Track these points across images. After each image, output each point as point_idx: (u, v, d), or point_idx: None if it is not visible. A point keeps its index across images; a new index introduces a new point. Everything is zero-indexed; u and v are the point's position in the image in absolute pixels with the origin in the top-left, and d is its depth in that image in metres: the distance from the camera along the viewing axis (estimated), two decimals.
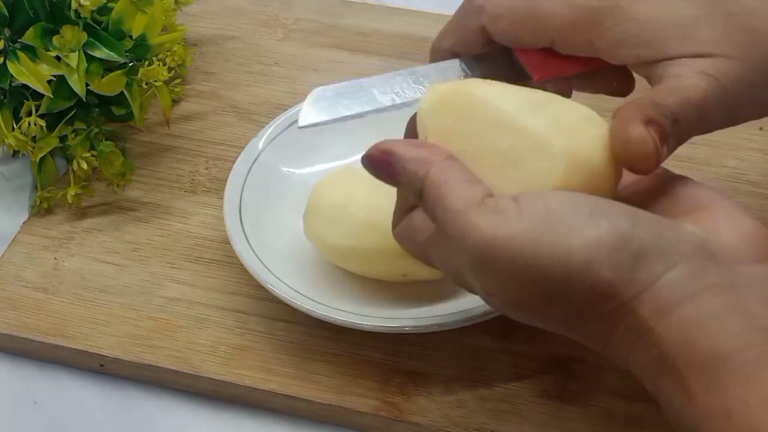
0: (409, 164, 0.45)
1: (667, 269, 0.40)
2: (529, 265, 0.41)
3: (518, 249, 0.41)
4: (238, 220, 0.61)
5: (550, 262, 0.40)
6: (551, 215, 0.41)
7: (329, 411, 0.56)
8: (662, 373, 0.40)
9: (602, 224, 0.40)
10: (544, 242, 0.40)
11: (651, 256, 0.40)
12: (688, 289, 0.40)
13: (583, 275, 0.40)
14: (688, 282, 0.40)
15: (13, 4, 0.66)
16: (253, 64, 0.78)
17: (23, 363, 0.61)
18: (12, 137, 0.65)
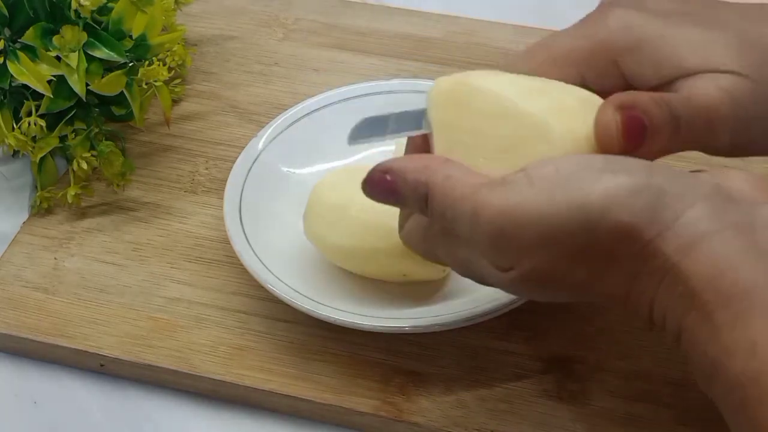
0: (409, 175, 0.46)
1: (687, 207, 0.41)
2: (549, 223, 0.41)
3: (535, 211, 0.41)
4: (238, 220, 0.61)
5: (570, 215, 0.41)
6: (563, 175, 0.42)
7: (329, 411, 0.56)
8: (688, 309, 0.40)
9: (618, 174, 0.41)
10: (561, 198, 0.41)
11: (670, 197, 0.41)
12: (710, 226, 0.40)
13: (605, 222, 0.41)
14: (710, 219, 0.40)
15: (13, 4, 0.66)
16: (253, 64, 0.78)
17: (23, 363, 0.61)
18: (12, 137, 0.65)
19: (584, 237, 0.41)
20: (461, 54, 0.77)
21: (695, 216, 0.40)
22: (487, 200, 0.43)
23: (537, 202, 0.41)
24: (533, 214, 0.41)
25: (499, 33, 0.79)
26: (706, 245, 0.40)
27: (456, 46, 0.78)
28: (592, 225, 0.41)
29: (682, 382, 0.56)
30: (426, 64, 0.77)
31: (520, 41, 0.78)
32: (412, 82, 0.69)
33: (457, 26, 0.80)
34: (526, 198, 0.42)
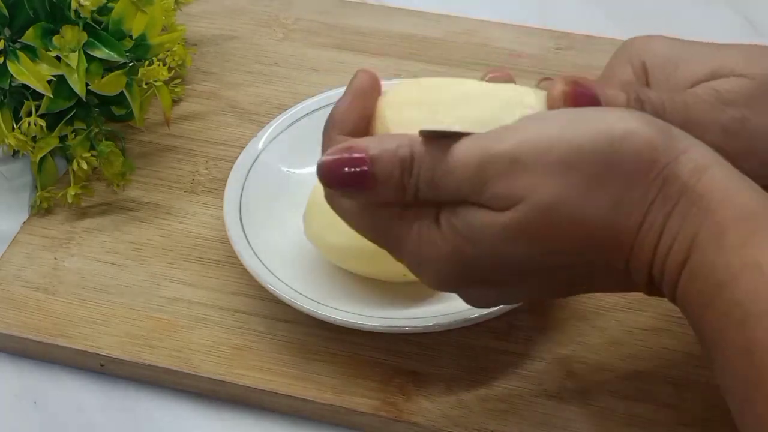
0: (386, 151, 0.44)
1: (693, 144, 0.42)
2: (569, 145, 0.42)
3: (556, 135, 0.42)
4: (238, 220, 0.61)
5: (593, 137, 0.41)
6: (578, 112, 0.43)
7: (329, 411, 0.56)
8: (700, 228, 0.41)
9: (631, 112, 0.43)
10: (581, 125, 0.42)
11: (677, 133, 0.43)
12: (715, 158, 0.42)
13: (627, 143, 0.41)
14: (713, 154, 0.42)
15: (13, 4, 0.66)
16: (253, 64, 0.78)
17: (23, 363, 0.61)
18: (12, 137, 0.65)
19: (606, 160, 0.41)
20: (461, 54, 0.77)
21: (702, 150, 0.42)
22: (497, 142, 0.42)
23: (557, 129, 0.42)
24: (554, 138, 0.42)
25: (499, 33, 0.79)
26: (719, 168, 0.41)
27: (456, 46, 0.78)
28: (615, 147, 0.41)
29: (682, 382, 0.56)
30: (426, 64, 0.77)
31: (520, 41, 0.78)
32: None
33: (457, 26, 0.80)
34: (543, 127, 0.42)
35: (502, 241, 0.43)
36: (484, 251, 0.43)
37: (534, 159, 0.42)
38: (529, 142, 0.42)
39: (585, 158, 0.41)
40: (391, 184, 0.44)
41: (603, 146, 0.41)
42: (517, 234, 0.43)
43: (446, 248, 0.44)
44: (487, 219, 0.43)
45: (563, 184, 0.42)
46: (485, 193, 0.42)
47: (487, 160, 0.42)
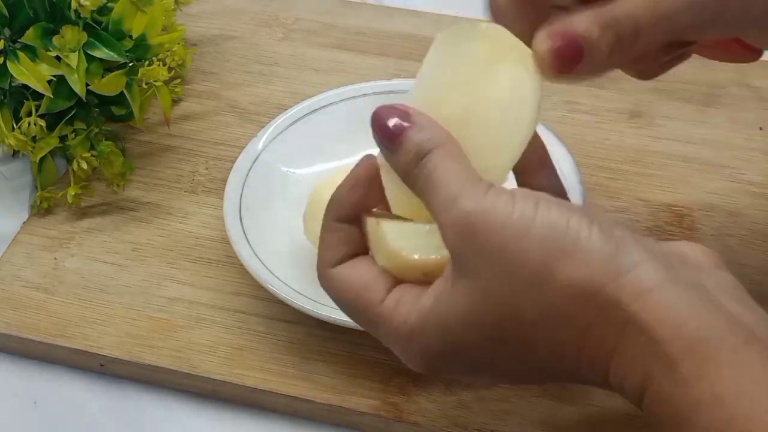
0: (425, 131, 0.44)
1: (644, 260, 0.40)
2: (516, 238, 0.40)
3: (510, 223, 0.41)
4: (238, 220, 0.61)
5: (537, 240, 0.40)
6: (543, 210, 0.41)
7: (329, 411, 0.56)
8: (652, 360, 0.39)
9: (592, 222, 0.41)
10: (534, 225, 0.40)
11: (629, 249, 0.40)
12: (667, 276, 0.40)
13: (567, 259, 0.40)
14: (666, 271, 0.40)
15: (13, 4, 0.66)
16: (253, 64, 0.78)
17: (23, 363, 0.61)
18: (12, 137, 0.65)
19: (543, 270, 0.40)
20: None
21: (652, 267, 0.40)
22: (470, 193, 0.42)
23: (512, 216, 0.41)
24: (503, 224, 0.41)
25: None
26: (665, 294, 0.39)
27: None
28: (552, 260, 0.40)
29: None
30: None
31: None
32: (412, 82, 0.69)
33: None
34: (503, 206, 0.41)
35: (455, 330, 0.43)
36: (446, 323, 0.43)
37: (482, 237, 0.41)
38: (485, 215, 0.41)
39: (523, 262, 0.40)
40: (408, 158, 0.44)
41: (543, 258, 0.40)
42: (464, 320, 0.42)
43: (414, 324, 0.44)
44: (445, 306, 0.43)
45: (500, 276, 0.41)
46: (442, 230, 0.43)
47: (450, 205, 0.42)
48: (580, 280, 0.40)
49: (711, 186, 0.67)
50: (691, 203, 0.66)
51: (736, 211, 0.65)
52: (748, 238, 0.63)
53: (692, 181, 0.67)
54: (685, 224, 0.64)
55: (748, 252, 0.63)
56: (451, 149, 0.44)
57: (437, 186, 0.43)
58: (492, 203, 0.41)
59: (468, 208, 0.41)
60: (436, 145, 0.44)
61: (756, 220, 0.64)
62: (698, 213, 0.65)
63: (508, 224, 0.41)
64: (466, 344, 0.43)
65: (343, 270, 0.46)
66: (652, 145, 0.69)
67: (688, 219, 0.65)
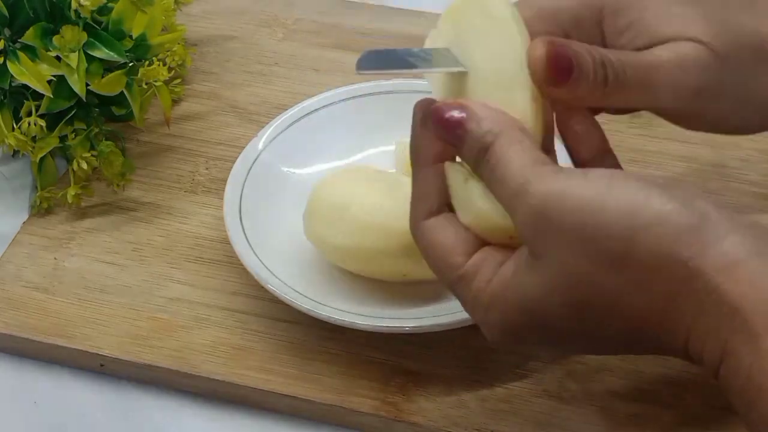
0: (485, 121, 0.44)
1: (730, 232, 0.40)
2: (592, 217, 0.41)
3: (583, 201, 0.41)
4: (238, 220, 0.61)
5: (617, 215, 0.40)
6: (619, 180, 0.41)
7: (329, 411, 0.56)
8: (733, 332, 0.39)
9: (671, 191, 0.41)
10: (611, 198, 0.41)
11: (713, 221, 0.40)
12: (753, 249, 0.40)
13: (649, 232, 0.40)
14: (752, 244, 0.40)
15: (13, 4, 0.66)
16: (253, 64, 0.78)
17: (23, 363, 0.61)
18: (12, 137, 0.65)
19: (624, 244, 0.40)
20: None
21: (738, 239, 0.40)
22: (542, 175, 0.42)
23: (587, 193, 0.41)
24: (579, 203, 0.41)
25: None
26: (751, 267, 0.39)
27: None
28: (634, 234, 0.40)
29: (682, 382, 0.55)
30: None
31: None
32: (412, 82, 0.69)
33: None
34: (577, 186, 0.41)
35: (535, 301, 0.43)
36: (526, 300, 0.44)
37: (557, 218, 0.41)
38: (560, 198, 0.41)
39: (602, 238, 0.40)
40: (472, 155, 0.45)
41: (623, 231, 0.40)
42: (546, 291, 0.43)
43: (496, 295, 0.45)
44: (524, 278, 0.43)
45: (579, 253, 0.41)
46: (515, 219, 0.43)
47: (524, 193, 0.42)
48: (662, 253, 0.40)
49: (711, 186, 0.67)
50: None
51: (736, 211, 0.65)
52: None
53: (692, 181, 0.67)
54: None
55: None
56: (512, 135, 0.44)
57: (503, 179, 0.43)
58: (564, 184, 0.41)
59: (540, 192, 0.41)
60: (496, 136, 0.44)
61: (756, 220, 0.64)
62: None
63: (584, 203, 0.41)
64: (547, 315, 0.43)
65: (432, 227, 0.46)
66: (651, 145, 0.69)
67: None
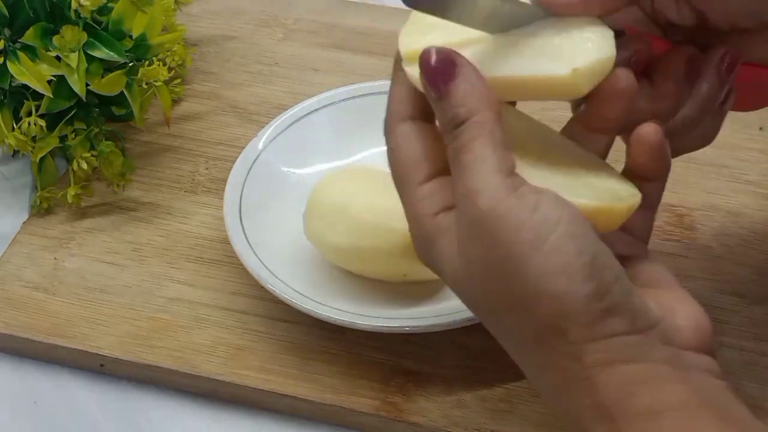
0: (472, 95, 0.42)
1: (626, 332, 0.40)
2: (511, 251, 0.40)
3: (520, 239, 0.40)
4: (238, 220, 0.61)
5: (540, 270, 0.40)
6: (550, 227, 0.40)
7: (329, 411, 0.56)
8: (596, 419, 0.40)
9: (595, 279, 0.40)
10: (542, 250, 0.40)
11: (618, 314, 0.40)
12: (637, 355, 0.40)
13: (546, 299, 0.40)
14: (640, 349, 0.40)
15: (13, 4, 0.66)
16: (253, 64, 0.78)
17: (23, 363, 0.61)
18: (12, 137, 0.65)
19: (531, 295, 0.40)
20: None
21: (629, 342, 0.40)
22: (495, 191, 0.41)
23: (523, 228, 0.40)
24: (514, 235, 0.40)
25: None
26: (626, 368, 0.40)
27: None
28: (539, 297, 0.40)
29: None
30: None
31: None
32: None
33: None
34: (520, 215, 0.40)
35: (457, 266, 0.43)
36: None
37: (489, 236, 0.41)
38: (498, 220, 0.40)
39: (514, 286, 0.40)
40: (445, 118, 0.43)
41: (532, 291, 0.40)
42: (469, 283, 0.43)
43: None
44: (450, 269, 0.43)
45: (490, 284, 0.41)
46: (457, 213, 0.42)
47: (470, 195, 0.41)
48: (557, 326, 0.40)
49: (711, 186, 0.67)
50: (691, 203, 0.66)
51: (736, 211, 0.65)
52: (748, 238, 0.63)
53: (692, 181, 0.67)
54: (685, 224, 0.64)
55: (747, 252, 0.63)
56: (488, 121, 0.42)
57: (465, 169, 0.41)
58: (509, 207, 0.40)
59: (486, 205, 0.40)
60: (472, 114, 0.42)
61: (756, 220, 0.64)
62: (698, 213, 0.65)
63: (515, 241, 0.40)
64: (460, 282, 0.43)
65: (404, 133, 0.45)
66: None
67: (688, 219, 0.65)
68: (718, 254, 0.63)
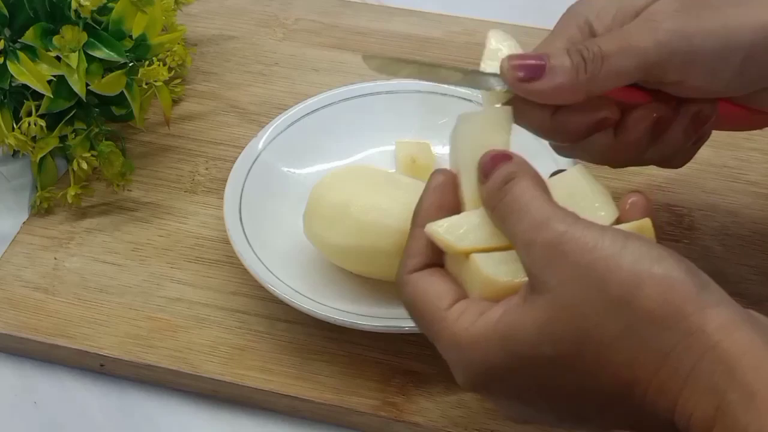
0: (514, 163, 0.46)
1: (728, 301, 0.41)
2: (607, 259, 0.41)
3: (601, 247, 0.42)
4: (238, 220, 0.61)
5: (630, 261, 0.41)
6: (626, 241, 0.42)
7: (329, 411, 0.56)
8: (729, 390, 0.39)
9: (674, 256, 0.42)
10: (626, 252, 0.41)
11: (715, 289, 0.41)
12: (748, 320, 0.40)
13: (656, 283, 0.40)
14: (747, 316, 0.41)
15: (13, 4, 0.66)
16: (253, 64, 0.78)
17: (23, 363, 0.61)
18: (12, 137, 0.65)
19: (631, 288, 0.41)
20: (461, 54, 0.77)
21: (735, 308, 0.41)
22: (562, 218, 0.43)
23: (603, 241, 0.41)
24: (595, 246, 0.41)
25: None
26: (747, 330, 0.40)
27: (456, 46, 0.78)
28: (642, 281, 0.40)
29: None
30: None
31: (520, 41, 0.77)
32: (412, 82, 0.69)
33: (457, 26, 0.80)
34: (595, 234, 0.42)
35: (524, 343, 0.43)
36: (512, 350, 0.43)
37: (575, 252, 0.42)
38: (580, 237, 0.42)
39: (615, 280, 0.41)
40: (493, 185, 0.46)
41: (633, 278, 0.41)
42: (537, 332, 0.42)
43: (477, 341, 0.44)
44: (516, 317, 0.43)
45: (589, 289, 0.41)
46: (527, 255, 0.43)
47: (541, 226, 0.43)
48: (665, 303, 0.40)
49: (711, 186, 0.67)
50: (690, 203, 0.66)
51: (736, 211, 0.65)
52: (748, 238, 0.63)
53: (692, 181, 0.67)
54: (685, 224, 0.64)
55: (748, 252, 0.63)
56: (539, 182, 0.45)
57: (524, 209, 0.44)
58: (583, 228, 0.42)
59: (560, 229, 0.42)
60: (520, 174, 0.45)
61: (756, 220, 0.64)
62: (698, 213, 0.65)
63: (599, 247, 0.41)
64: (531, 356, 0.42)
65: (417, 278, 0.47)
66: None
67: (687, 219, 0.65)
68: (718, 254, 0.63)
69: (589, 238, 0.42)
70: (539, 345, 0.42)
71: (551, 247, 0.42)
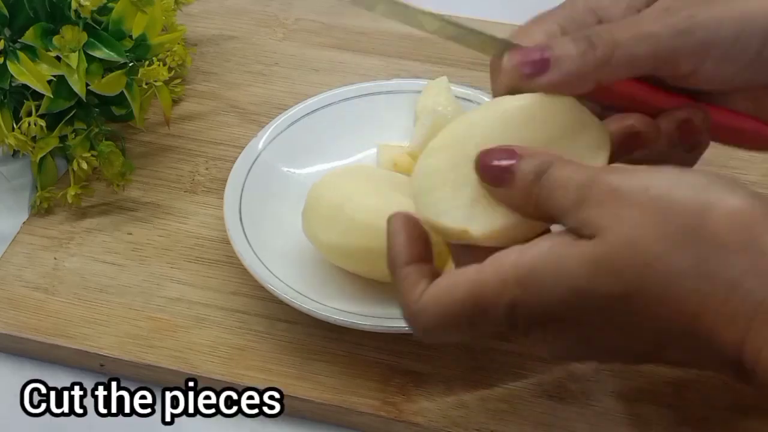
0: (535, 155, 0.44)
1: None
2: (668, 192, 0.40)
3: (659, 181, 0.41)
4: (238, 220, 0.61)
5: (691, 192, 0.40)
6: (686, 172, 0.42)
7: (329, 411, 0.56)
8: None
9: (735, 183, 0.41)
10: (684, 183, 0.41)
11: None
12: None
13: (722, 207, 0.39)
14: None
15: (13, 4, 0.66)
16: (253, 64, 0.78)
17: (23, 363, 0.61)
18: (12, 137, 0.65)
19: (697, 218, 0.39)
20: (461, 54, 0.77)
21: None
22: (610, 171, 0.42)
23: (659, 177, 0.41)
24: (652, 183, 0.41)
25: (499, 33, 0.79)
26: None
27: (456, 46, 0.78)
28: (707, 209, 0.39)
29: (682, 382, 0.56)
30: (426, 64, 0.77)
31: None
32: (412, 82, 0.70)
33: None
34: (649, 172, 0.41)
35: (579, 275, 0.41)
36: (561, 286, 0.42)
37: (630, 193, 0.41)
38: (633, 180, 0.41)
39: (677, 211, 0.40)
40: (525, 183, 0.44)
41: (696, 206, 0.40)
42: (594, 265, 0.41)
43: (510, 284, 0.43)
44: (567, 249, 0.42)
45: (649, 223, 0.40)
46: (579, 214, 0.42)
47: (591, 183, 0.42)
48: (734, 228, 0.39)
49: None
50: None
51: None
52: None
53: None
54: None
55: None
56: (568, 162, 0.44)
57: (567, 184, 0.42)
58: (632, 173, 0.41)
59: (614, 178, 0.41)
60: (553, 162, 0.44)
61: None
62: None
63: (657, 183, 0.41)
64: (587, 296, 0.41)
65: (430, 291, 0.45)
66: None
67: None
68: None
69: (645, 178, 0.41)
70: (596, 277, 0.41)
71: (606, 192, 0.41)
